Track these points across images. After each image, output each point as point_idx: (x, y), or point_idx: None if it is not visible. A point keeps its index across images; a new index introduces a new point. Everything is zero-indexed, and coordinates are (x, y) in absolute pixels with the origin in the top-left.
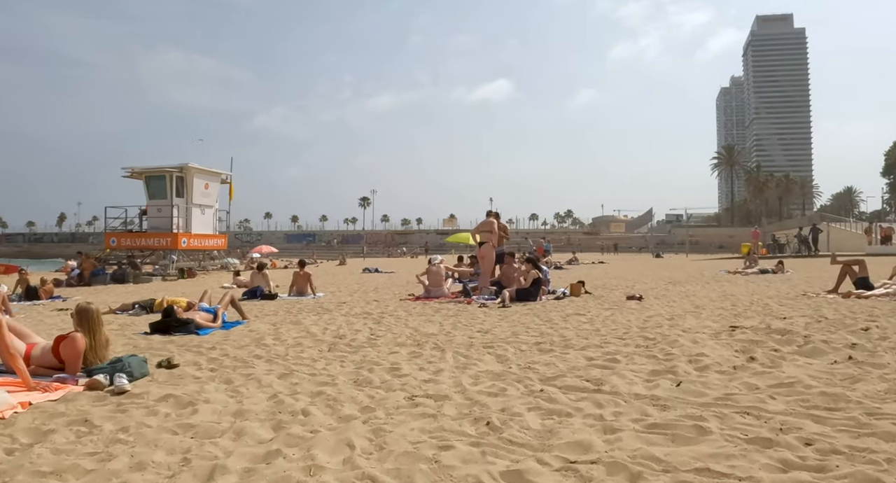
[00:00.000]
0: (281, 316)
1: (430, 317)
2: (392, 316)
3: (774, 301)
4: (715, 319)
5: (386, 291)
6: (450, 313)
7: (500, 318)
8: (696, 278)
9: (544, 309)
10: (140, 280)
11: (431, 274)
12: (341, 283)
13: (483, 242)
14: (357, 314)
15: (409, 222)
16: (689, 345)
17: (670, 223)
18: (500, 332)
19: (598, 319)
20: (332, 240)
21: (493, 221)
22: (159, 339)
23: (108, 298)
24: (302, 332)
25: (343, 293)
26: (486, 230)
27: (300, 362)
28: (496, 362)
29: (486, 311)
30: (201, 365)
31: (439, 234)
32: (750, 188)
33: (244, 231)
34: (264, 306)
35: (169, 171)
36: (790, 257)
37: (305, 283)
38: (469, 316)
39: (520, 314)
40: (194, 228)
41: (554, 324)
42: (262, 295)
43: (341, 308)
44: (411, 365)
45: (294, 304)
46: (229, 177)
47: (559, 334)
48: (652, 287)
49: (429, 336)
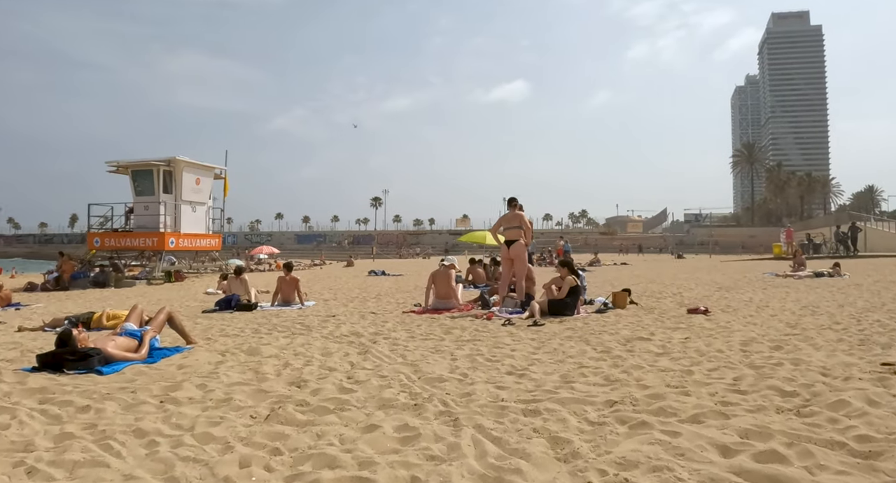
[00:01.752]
0: (243, 338)
1: (438, 342)
2: (387, 340)
3: (883, 314)
4: (838, 347)
5: (389, 299)
6: (465, 336)
7: (535, 344)
8: (745, 283)
9: (589, 328)
10: (122, 284)
11: (439, 279)
12: (341, 288)
13: (512, 241)
14: (342, 336)
15: (421, 223)
16: (860, 404)
17: (689, 223)
18: (543, 375)
19: (675, 348)
20: (342, 240)
21: (521, 215)
22: (41, 380)
23: (74, 306)
24: (250, 370)
25: (338, 301)
26: (515, 225)
27: (199, 451)
28: (554, 459)
29: (512, 332)
30: (35, 444)
31: (452, 235)
32: (770, 187)
33: (253, 231)
34: (232, 321)
35: (156, 165)
36: (827, 258)
37: (292, 291)
38: (491, 340)
39: (560, 337)
40: (184, 227)
41: (617, 357)
42: (237, 305)
43: (326, 325)
44: (398, 467)
45: (272, 317)
46: (224, 171)
47: (636, 381)
48: (704, 294)
49: (434, 384)
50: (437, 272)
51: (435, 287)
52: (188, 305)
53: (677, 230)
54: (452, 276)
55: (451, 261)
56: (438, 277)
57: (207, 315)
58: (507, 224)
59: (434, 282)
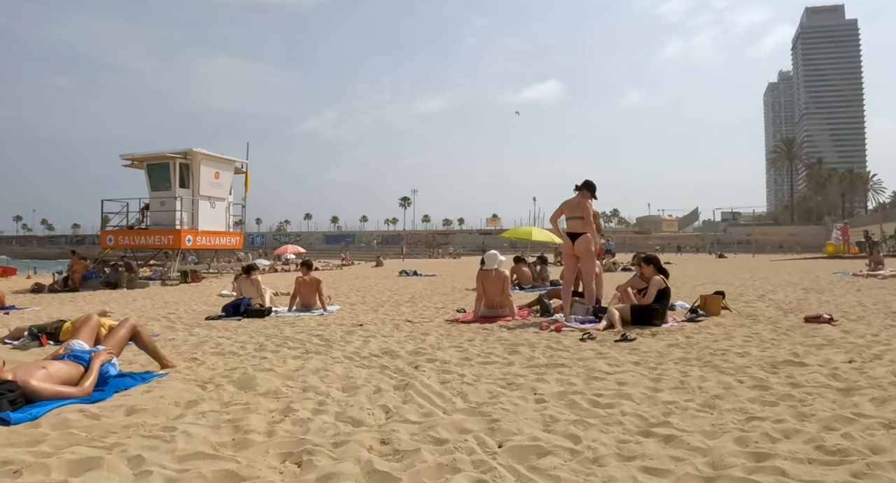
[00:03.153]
0: (240, 358)
1: (505, 368)
2: (433, 363)
3: None
4: None
5: (425, 303)
6: (539, 357)
7: (644, 370)
8: (826, 284)
9: (699, 344)
10: (134, 285)
11: (490, 284)
12: (370, 290)
13: (577, 234)
14: (371, 357)
15: (450, 222)
16: None
17: (726, 221)
18: (701, 435)
19: (854, 378)
20: (371, 240)
21: (588, 203)
22: None
23: (73, 309)
24: (229, 422)
25: (366, 306)
26: (577, 215)
27: None
28: None
29: (600, 350)
30: None
31: (482, 234)
32: (811, 184)
33: (280, 232)
34: (236, 332)
35: (172, 158)
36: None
37: (313, 293)
38: (580, 365)
39: (670, 359)
40: (202, 224)
41: (787, 397)
42: (246, 310)
43: (351, 339)
44: None
45: (286, 326)
46: (245, 165)
47: (869, 450)
48: (796, 297)
49: (531, 461)
50: (488, 275)
51: (485, 291)
52: (194, 310)
53: (712, 229)
54: (507, 280)
55: (500, 261)
56: (490, 282)
57: (209, 323)
58: (570, 213)
59: (484, 287)
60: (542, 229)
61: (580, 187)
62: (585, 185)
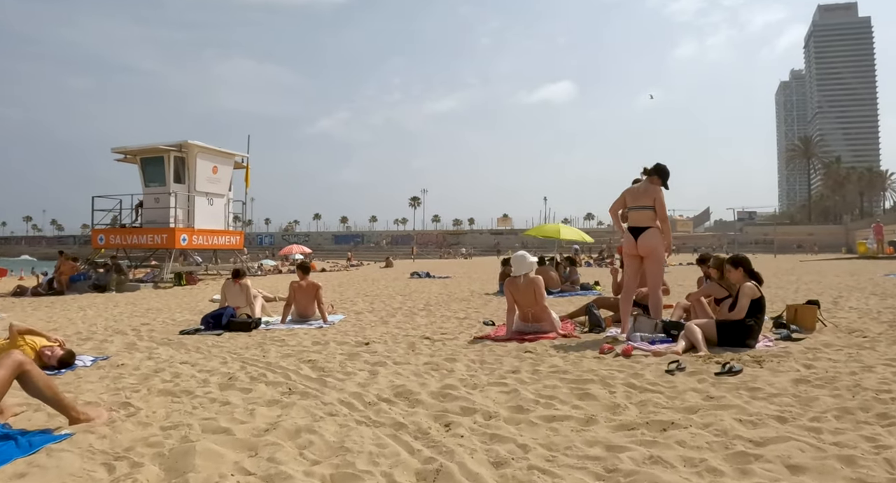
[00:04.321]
0: (196, 401)
1: (582, 427)
2: (472, 416)
3: None
4: None
5: (443, 312)
6: (619, 401)
7: (798, 430)
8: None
9: (830, 378)
10: (124, 288)
11: (522, 292)
12: (379, 295)
13: (642, 228)
14: (380, 402)
15: (460, 222)
16: None
17: (741, 221)
18: None
19: None
20: (380, 240)
21: (659, 190)
22: None
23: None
24: None
25: (374, 316)
26: (645, 205)
27: None
28: None
29: (701, 388)
30: None
31: (493, 234)
32: (828, 183)
33: (289, 232)
34: (208, 354)
35: (166, 150)
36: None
37: (310, 301)
38: (690, 419)
39: (822, 409)
40: (199, 222)
41: None
42: (228, 323)
43: (353, 369)
44: None
45: (273, 344)
46: (245, 159)
47: None
48: (882, 304)
49: None
50: (516, 284)
51: (517, 304)
52: (174, 320)
53: (726, 229)
54: (541, 287)
55: (531, 265)
56: (520, 291)
57: (182, 339)
58: (633, 201)
59: (514, 295)
60: (571, 227)
61: (649, 172)
62: (656, 170)
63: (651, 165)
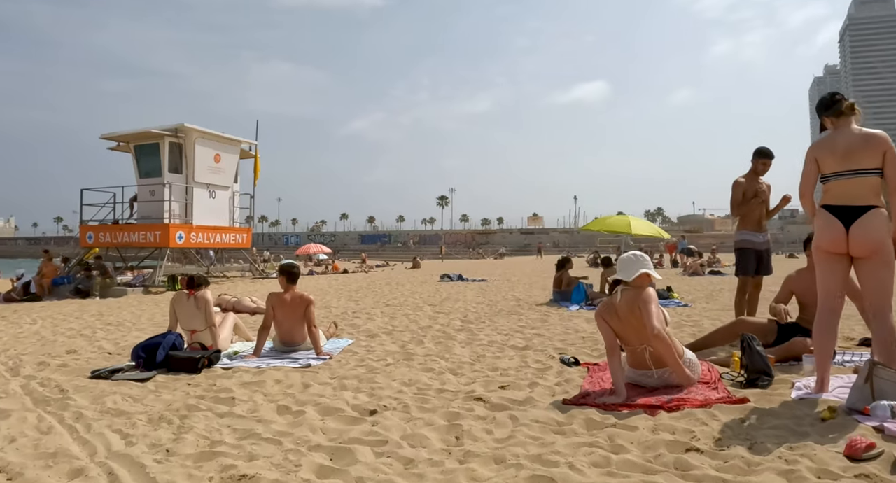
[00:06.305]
0: None
1: None
2: None
3: None
4: None
5: (487, 332)
6: None
7: None
8: None
9: None
10: (109, 293)
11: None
12: (403, 304)
13: (859, 208)
14: None
15: (489, 222)
16: None
17: (783, 220)
18: None
19: None
20: (408, 240)
21: (886, 139)
22: None
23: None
24: None
25: (394, 343)
26: (865, 168)
27: None
28: None
29: None
30: None
31: (523, 234)
32: None
33: (315, 232)
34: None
35: (161, 135)
36: None
37: (298, 322)
38: None
39: None
40: (198, 218)
41: None
42: (169, 357)
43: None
44: None
45: (214, 403)
46: (254, 147)
47: None
48: None
49: None
50: (614, 304)
51: (622, 340)
52: (118, 344)
53: None
54: (653, 300)
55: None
56: (622, 316)
57: (87, 386)
58: (844, 162)
59: (614, 326)
60: (643, 220)
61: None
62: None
63: (845, 103)
